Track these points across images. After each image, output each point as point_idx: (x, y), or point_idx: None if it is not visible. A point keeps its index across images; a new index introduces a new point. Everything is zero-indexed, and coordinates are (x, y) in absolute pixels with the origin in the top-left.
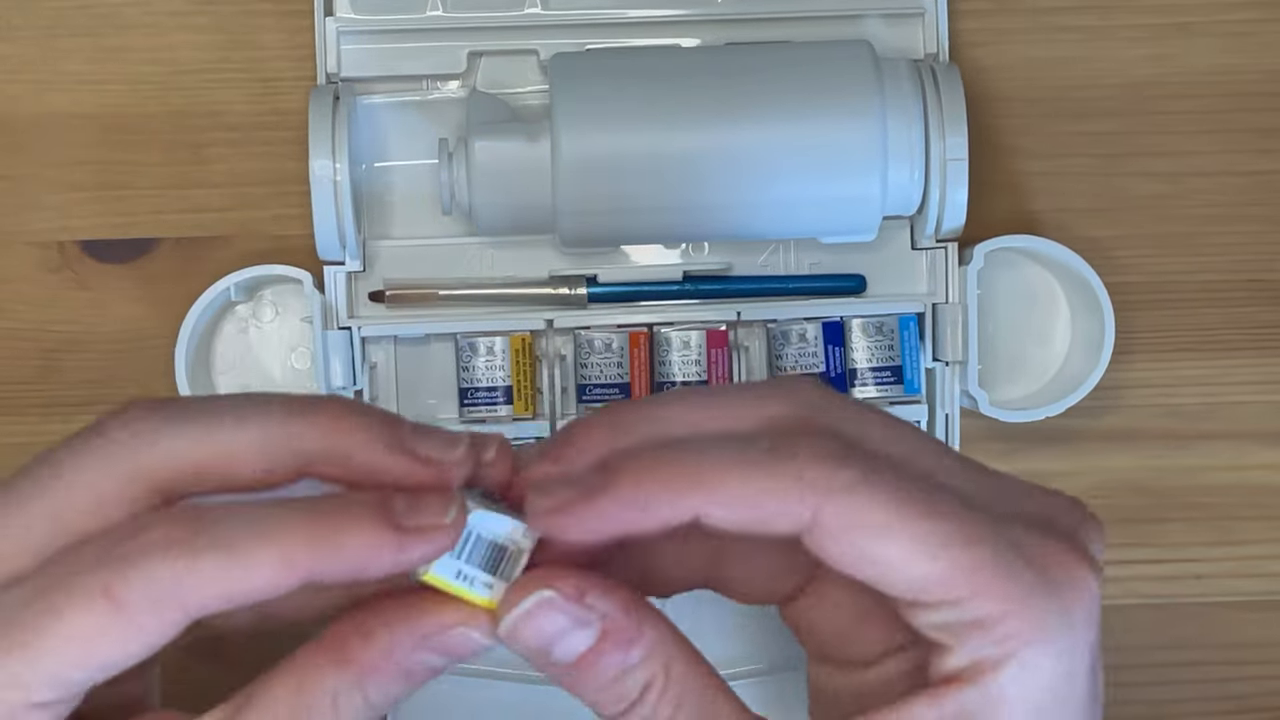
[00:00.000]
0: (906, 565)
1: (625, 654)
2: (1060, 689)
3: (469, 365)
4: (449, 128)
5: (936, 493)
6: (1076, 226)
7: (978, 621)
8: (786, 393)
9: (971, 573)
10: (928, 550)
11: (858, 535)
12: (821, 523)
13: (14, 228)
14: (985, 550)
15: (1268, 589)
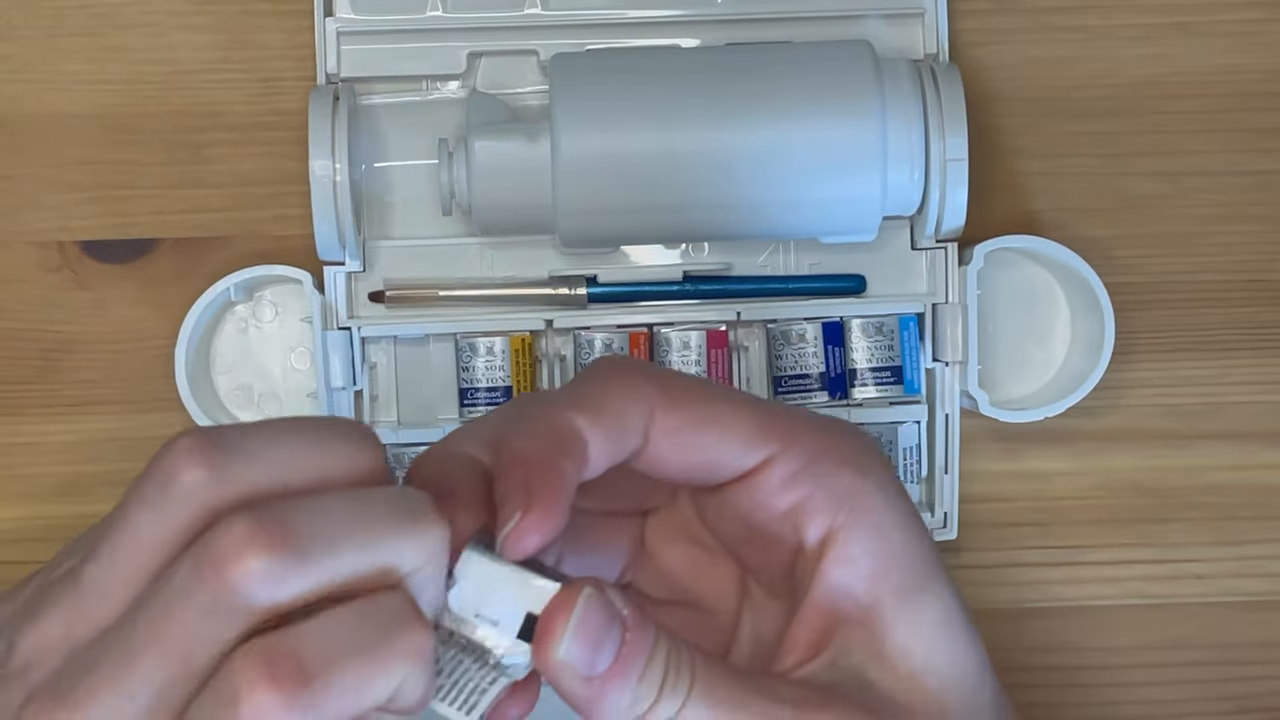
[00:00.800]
0: (730, 426)
1: (647, 637)
2: (905, 495)
3: (469, 365)
4: (449, 128)
5: (729, 387)
6: (1076, 226)
7: (812, 460)
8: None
9: (778, 420)
10: (740, 413)
11: (682, 411)
12: (655, 411)
13: (14, 228)
14: (777, 407)
15: (1268, 589)
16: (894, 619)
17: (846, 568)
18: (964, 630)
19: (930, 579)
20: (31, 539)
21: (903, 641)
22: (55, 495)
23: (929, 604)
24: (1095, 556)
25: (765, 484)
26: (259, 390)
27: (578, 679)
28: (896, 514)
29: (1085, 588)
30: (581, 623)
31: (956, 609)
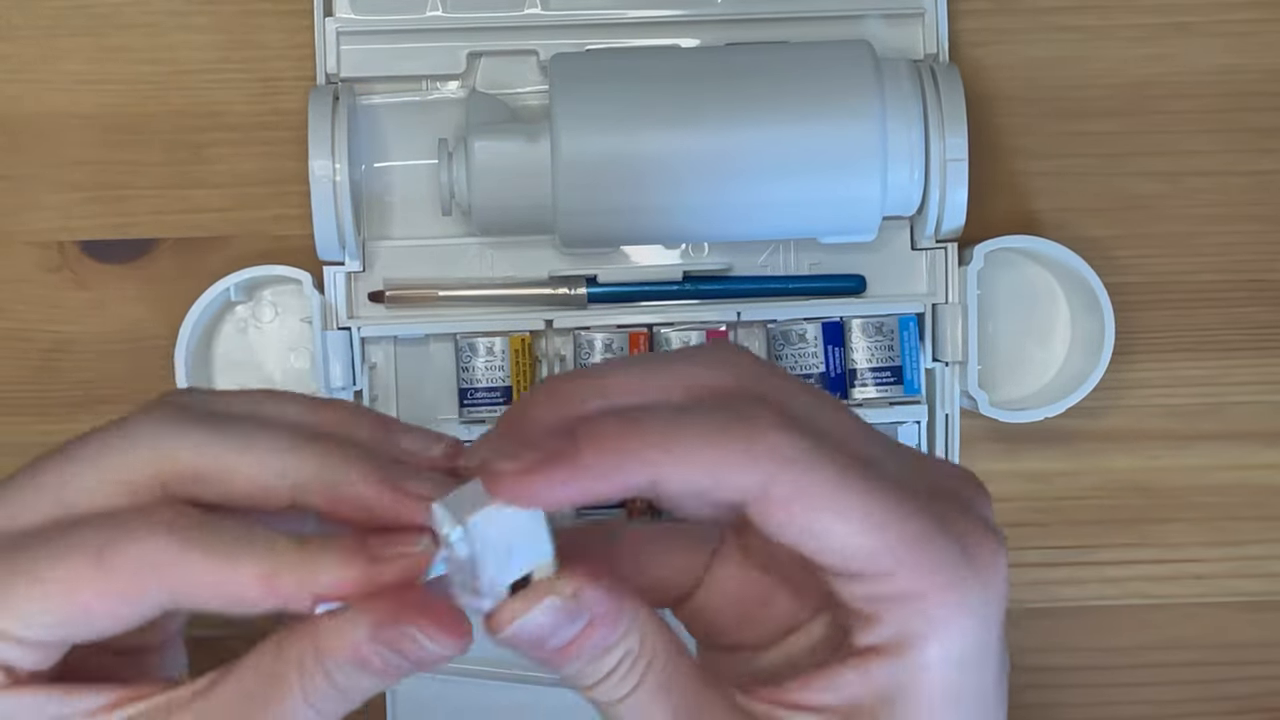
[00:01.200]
0: (846, 538)
1: (609, 633)
2: (977, 659)
3: (469, 365)
4: (449, 128)
5: (873, 468)
6: (1076, 226)
7: (905, 595)
8: (722, 361)
9: (904, 547)
10: (867, 525)
11: (804, 506)
12: (771, 493)
13: (14, 228)
14: (917, 526)
15: (1268, 589)
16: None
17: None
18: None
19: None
20: None
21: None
22: None
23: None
24: (1095, 556)
25: (849, 586)
26: None
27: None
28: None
29: (1085, 588)
30: (540, 616)
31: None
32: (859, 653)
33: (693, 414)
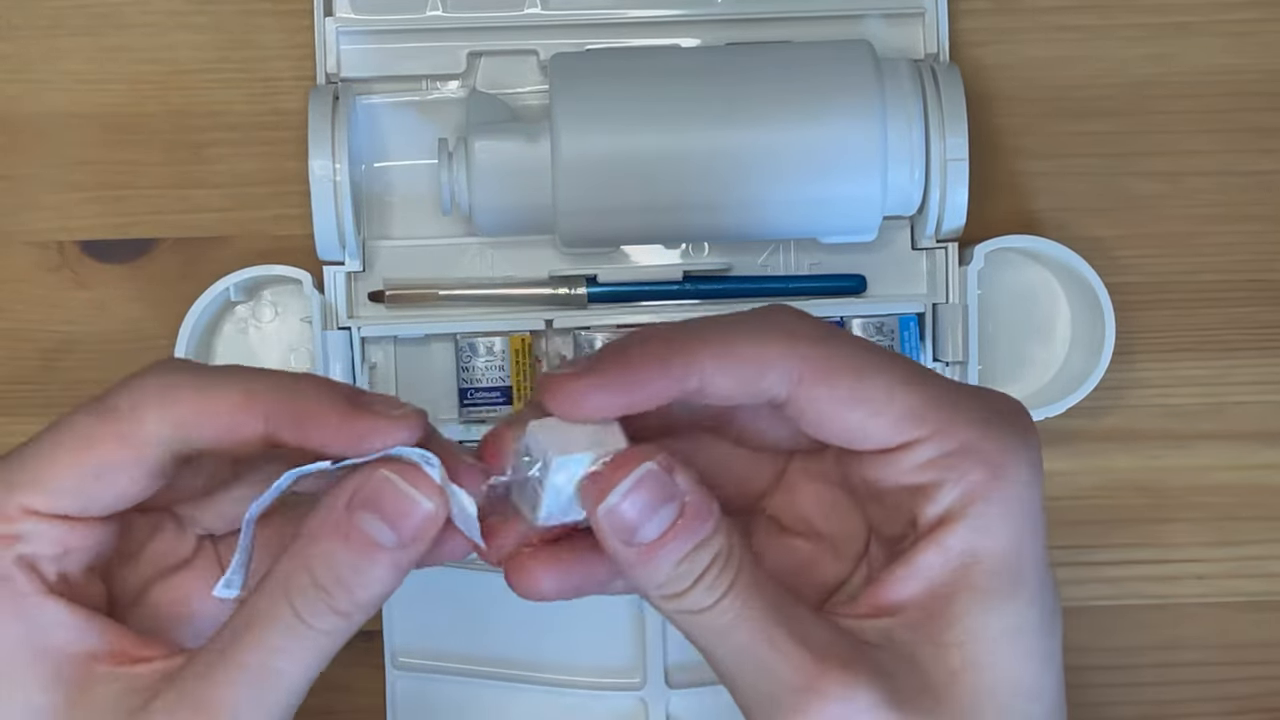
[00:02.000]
0: (884, 404)
1: (702, 526)
2: (1036, 512)
3: (469, 365)
4: (449, 128)
5: (897, 357)
6: (1077, 226)
7: (954, 452)
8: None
9: (936, 407)
10: (895, 392)
11: (836, 381)
12: (806, 376)
13: (14, 228)
14: (942, 389)
15: (1268, 589)
16: (963, 613)
17: (939, 555)
18: (1037, 648)
19: (1019, 587)
20: None
21: (962, 637)
22: None
23: (1007, 610)
24: (1095, 556)
25: (901, 462)
26: None
27: (619, 541)
28: (1013, 520)
29: (1085, 588)
30: (635, 487)
31: (1036, 625)
32: (928, 530)
33: (726, 318)
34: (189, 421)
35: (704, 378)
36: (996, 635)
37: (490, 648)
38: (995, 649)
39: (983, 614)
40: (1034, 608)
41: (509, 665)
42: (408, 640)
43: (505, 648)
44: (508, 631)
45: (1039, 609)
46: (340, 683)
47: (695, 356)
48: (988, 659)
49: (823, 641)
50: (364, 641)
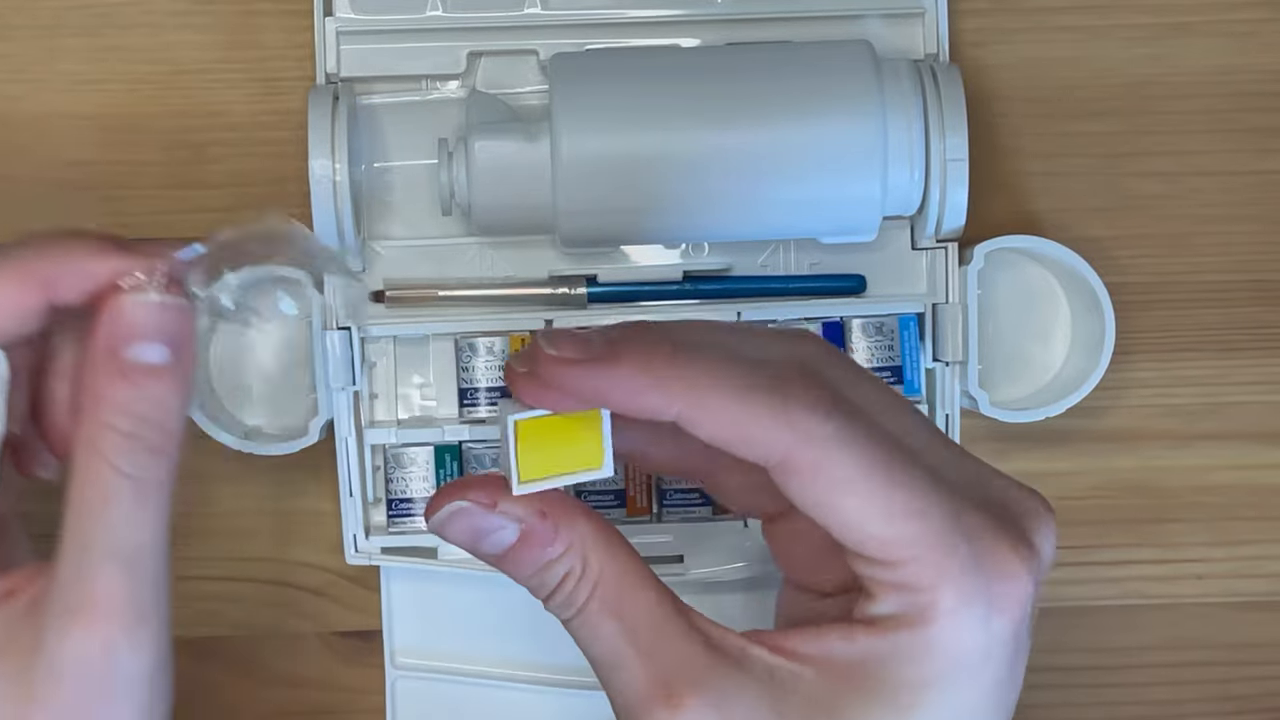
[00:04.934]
0: (858, 523)
1: (543, 551)
2: (973, 665)
3: (469, 365)
4: (449, 128)
5: (904, 461)
6: (1076, 226)
7: (906, 585)
8: (793, 336)
9: (914, 544)
10: (880, 514)
11: (822, 484)
12: (791, 464)
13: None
14: (932, 525)
15: (1268, 589)
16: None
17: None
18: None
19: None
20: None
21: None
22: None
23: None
24: (1095, 556)
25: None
26: (259, 390)
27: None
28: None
29: (1085, 588)
30: (449, 518)
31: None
32: (854, 620)
33: (737, 366)
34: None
35: (685, 422)
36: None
37: (490, 648)
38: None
39: (865, 713)
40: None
41: (509, 665)
42: (408, 640)
43: (505, 648)
44: (508, 631)
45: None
46: (340, 683)
47: (672, 399)
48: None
49: (672, 663)
50: (364, 641)
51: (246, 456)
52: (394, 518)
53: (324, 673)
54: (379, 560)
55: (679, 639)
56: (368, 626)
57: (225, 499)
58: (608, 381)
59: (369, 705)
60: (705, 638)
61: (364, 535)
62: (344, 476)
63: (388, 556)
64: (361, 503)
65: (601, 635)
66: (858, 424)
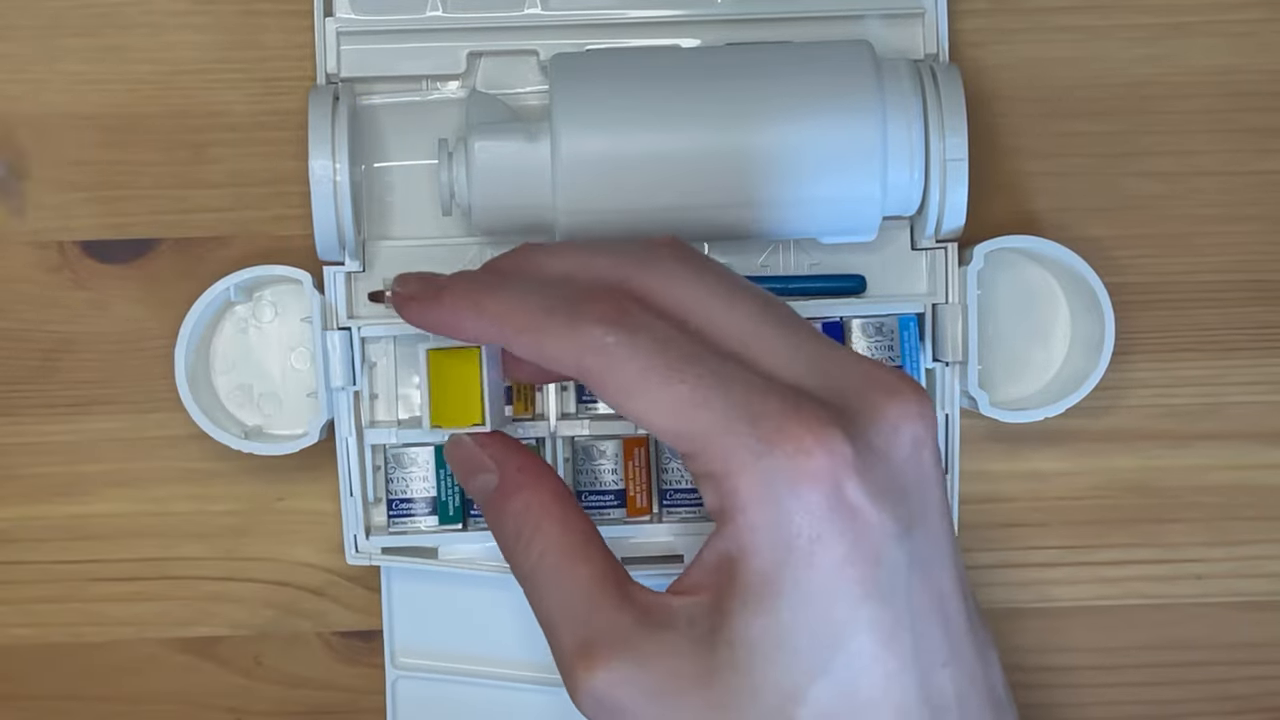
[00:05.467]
0: (648, 419)
1: (508, 502)
2: (801, 547)
3: None
4: (449, 128)
5: (690, 359)
6: (1076, 226)
7: (711, 474)
8: (625, 250)
9: (700, 434)
10: (665, 409)
11: (611, 388)
12: (586, 373)
13: (14, 228)
14: (714, 413)
15: (1268, 589)
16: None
17: (711, 551)
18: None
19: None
20: (31, 539)
21: (729, 635)
22: (55, 495)
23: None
24: (1095, 556)
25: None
26: (259, 390)
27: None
28: (764, 532)
29: (1085, 588)
30: (450, 446)
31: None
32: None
33: (544, 290)
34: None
35: (505, 344)
36: (756, 640)
37: (490, 648)
38: (755, 650)
39: (744, 616)
40: (798, 619)
41: (509, 665)
42: (408, 640)
43: (505, 648)
44: (508, 631)
45: (813, 620)
46: (340, 683)
47: (488, 324)
48: (746, 661)
49: (598, 630)
50: (364, 641)
51: (246, 456)
52: (394, 518)
53: (324, 673)
54: (379, 560)
55: (610, 610)
56: (368, 626)
57: (225, 499)
58: (434, 313)
59: (369, 705)
60: (639, 607)
61: (364, 535)
62: (344, 476)
63: (388, 556)
64: (362, 503)
65: (543, 599)
66: (641, 332)
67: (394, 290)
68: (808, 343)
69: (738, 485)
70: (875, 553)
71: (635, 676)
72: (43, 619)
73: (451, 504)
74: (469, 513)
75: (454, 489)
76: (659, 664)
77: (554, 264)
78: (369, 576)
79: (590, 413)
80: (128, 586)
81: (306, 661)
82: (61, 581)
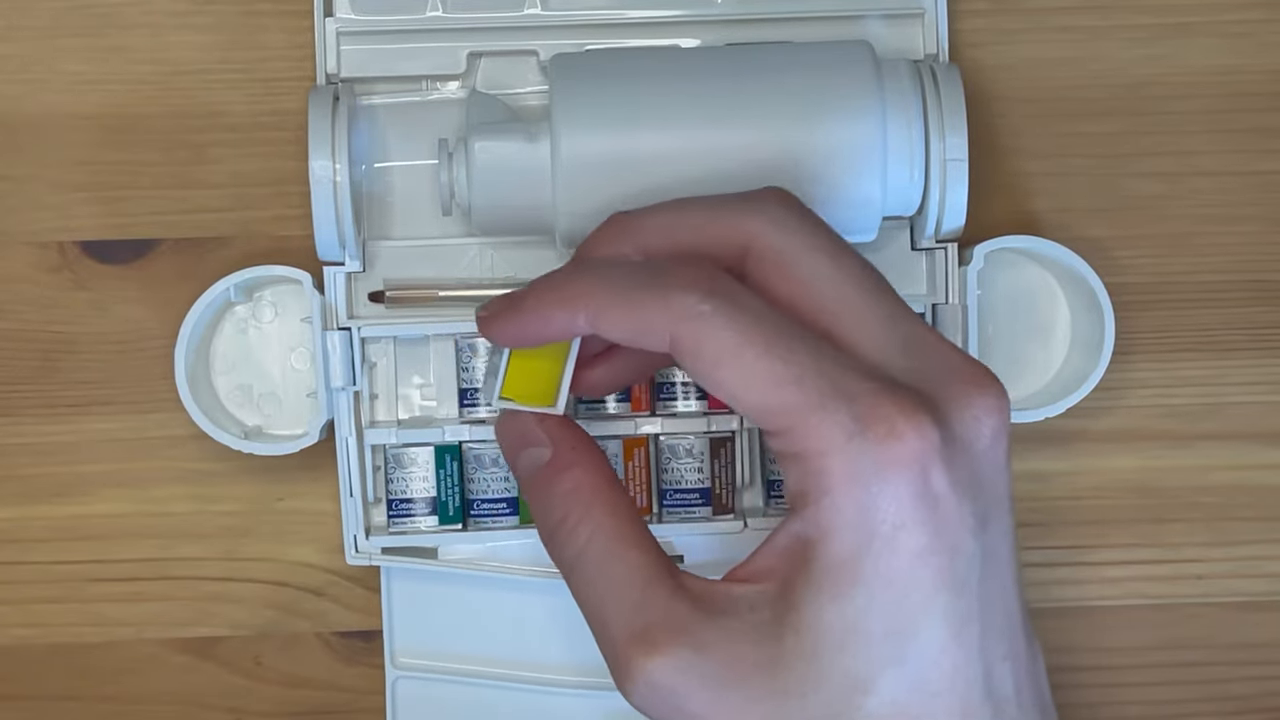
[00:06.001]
0: (739, 393)
1: (558, 479)
2: (885, 534)
3: (469, 365)
4: (449, 128)
5: (788, 333)
6: (1076, 226)
7: (798, 454)
8: (746, 210)
9: (792, 410)
10: (757, 383)
11: (704, 359)
12: (677, 344)
13: (14, 228)
14: (807, 390)
15: (1268, 589)
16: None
17: (785, 536)
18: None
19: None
20: (31, 539)
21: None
22: (55, 495)
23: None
24: (1095, 557)
25: (767, 438)
26: (259, 390)
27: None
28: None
29: (1085, 588)
30: (501, 423)
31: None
32: (788, 512)
33: (627, 267)
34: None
35: (594, 327)
36: (828, 627)
37: (490, 648)
38: (826, 638)
39: (817, 602)
40: (874, 606)
41: (509, 665)
42: (408, 640)
43: (505, 648)
44: (508, 631)
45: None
46: (340, 683)
47: (575, 311)
48: (815, 648)
49: (654, 618)
50: (364, 641)
51: (246, 456)
52: (394, 518)
53: (324, 673)
54: (379, 560)
55: (665, 596)
56: (368, 626)
57: (225, 499)
58: (517, 321)
59: (369, 705)
60: (694, 594)
61: (364, 535)
62: (344, 476)
63: (388, 557)
64: (362, 503)
65: (591, 584)
66: (737, 301)
67: (478, 315)
68: (903, 321)
69: (827, 465)
70: (954, 544)
71: (696, 663)
72: (43, 619)
73: (451, 504)
74: (469, 513)
75: (454, 489)
76: (720, 651)
77: (649, 224)
78: (369, 576)
79: (591, 413)
80: (127, 587)
81: (306, 661)
82: (61, 582)
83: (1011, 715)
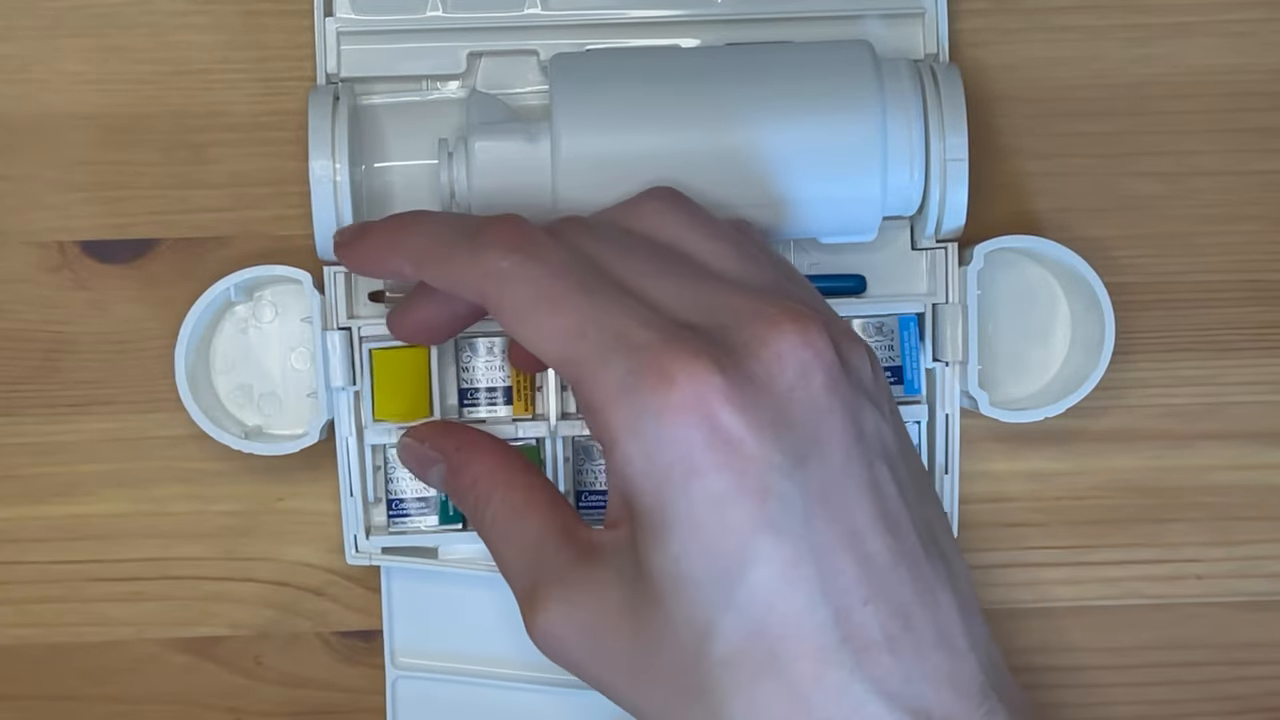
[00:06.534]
0: (537, 345)
1: (458, 481)
2: (678, 479)
3: (469, 365)
4: (449, 128)
5: (580, 289)
6: (1076, 226)
7: (589, 406)
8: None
9: (581, 364)
10: (550, 337)
11: (506, 313)
12: (485, 298)
13: (14, 228)
14: (590, 343)
15: (1268, 589)
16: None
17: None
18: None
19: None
20: (31, 539)
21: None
22: (55, 495)
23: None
24: (1095, 556)
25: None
26: (259, 390)
27: None
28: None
29: (1085, 588)
30: (401, 450)
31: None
32: None
33: (457, 221)
34: None
35: (417, 276)
36: (660, 573)
37: (491, 648)
38: (663, 583)
39: (646, 549)
40: (690, 551)
41: (509, 665)
42: (408, 640)
43: (506, 648)
44: (508, 631)
45: (705, 552)
46: (340, 683)
47: (403, 260)
48: (659, 594)
49: (543, 573)
50: (364, 641)
51: (246, 456)
52: (394, 518)
53: (324, 673)
54: (379, 560)
55: (552, 553)
56: (368, 626)
57: (225, 499)
58: (359, 252)
59: (369, 705)
60: (579, 545)
61: (364, 535)
62: (344, 476)
63: (388, 556)
64: (362, 503)
65: (501, 559)
66: (538, 256)
67: (333, 240)
68: (699, 286)
69: (609, 419)
70: (761, 485)
71: (572, 613)
72: (43, 619)
73: (451, 504)
74: None
75: None
76: (589, 600)
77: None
78: (369, 576)
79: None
80: (127, 586)
81: (306, 661)
82: (61, 581)
83: (885, 662)
